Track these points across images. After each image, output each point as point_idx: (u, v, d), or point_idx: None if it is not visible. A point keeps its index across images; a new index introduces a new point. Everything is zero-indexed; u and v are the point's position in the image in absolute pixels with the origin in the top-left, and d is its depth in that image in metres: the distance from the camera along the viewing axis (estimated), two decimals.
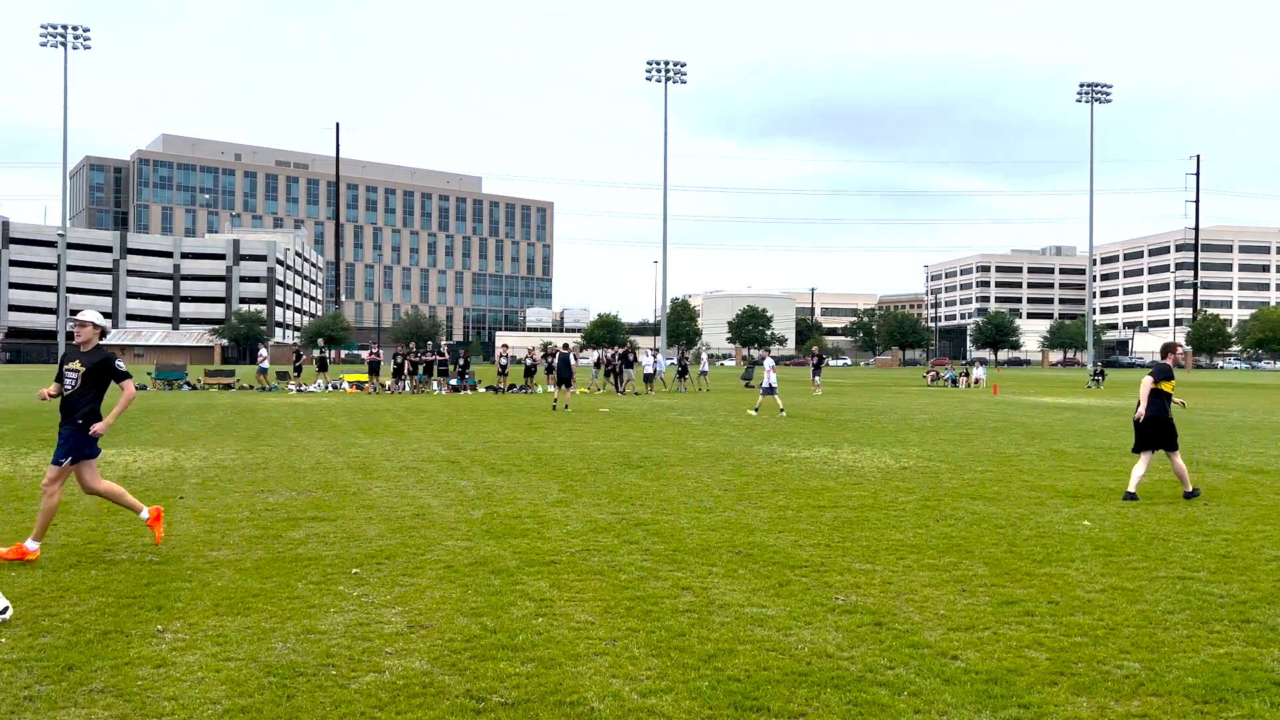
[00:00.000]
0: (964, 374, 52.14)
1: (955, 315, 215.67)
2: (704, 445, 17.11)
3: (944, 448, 16.99)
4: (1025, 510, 10.30)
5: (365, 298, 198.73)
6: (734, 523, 9.45)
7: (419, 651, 5.41)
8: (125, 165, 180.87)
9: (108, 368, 7.75)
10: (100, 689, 4.79)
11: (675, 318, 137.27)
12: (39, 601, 6.34)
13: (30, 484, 11.67)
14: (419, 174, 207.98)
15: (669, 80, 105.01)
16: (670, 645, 5.54)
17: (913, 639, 5.70)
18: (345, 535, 8.66)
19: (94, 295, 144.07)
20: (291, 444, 16.80)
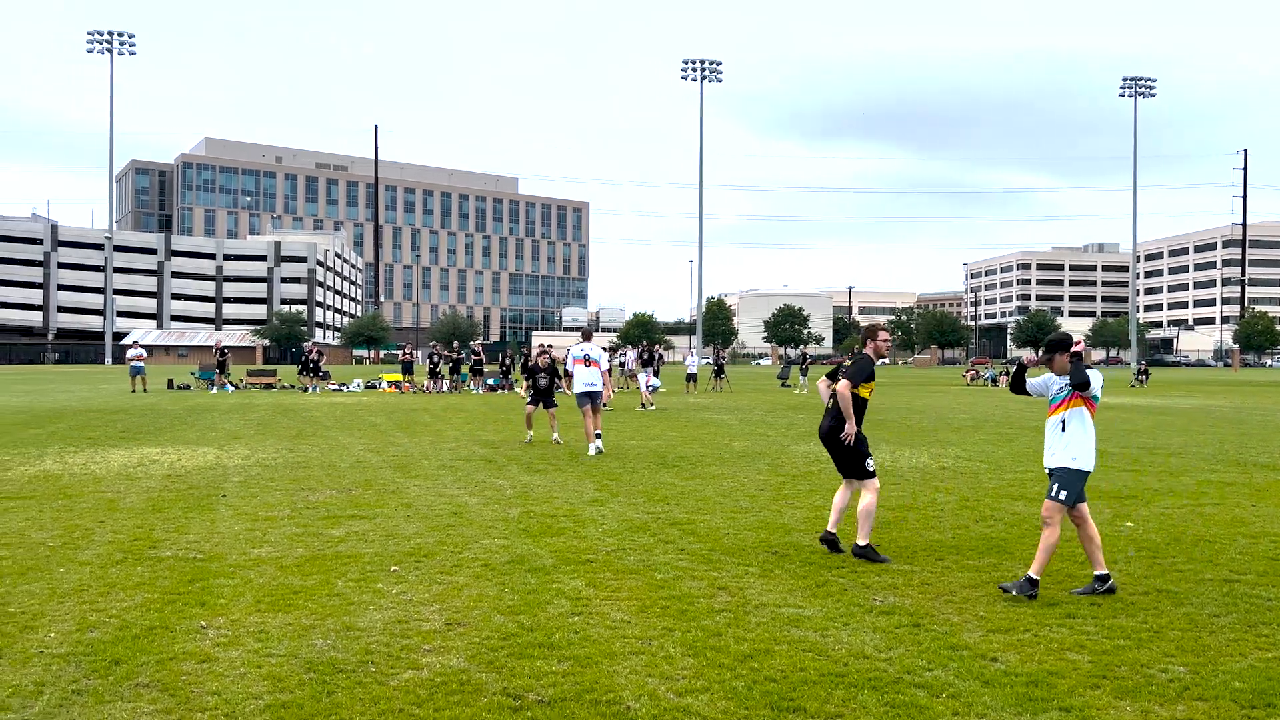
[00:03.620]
0: (1004, 373, 51.53)
1: (995, 314, 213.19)
2: (740, 445, 17.06)
3: (984, 447, 16.81)
4: None
5: (404, 298, 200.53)
6: (770, 523, 9.41)
7: (457, 649, 5.45)
8: (169, 169, 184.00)
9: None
10: (146, 683, 4.88)
11: (711, 317, 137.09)
12: (86, 597, 6.47)
13: (79, 482, 11.92)
14: (456, 175, 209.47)
15: (705, 79, 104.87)
16: (706, 645, 5.54)
17: (951, 640, 5.65)
18: (384, 533, 8.75)
19: (139, 297, 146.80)
20: (331, 443, 17.00)
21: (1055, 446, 6.82)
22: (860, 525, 7.72)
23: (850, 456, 7.92)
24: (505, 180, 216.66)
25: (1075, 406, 6.77)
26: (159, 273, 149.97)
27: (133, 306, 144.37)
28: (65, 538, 8.44)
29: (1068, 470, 6.73)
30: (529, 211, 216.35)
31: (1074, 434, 6.75)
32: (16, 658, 5.23)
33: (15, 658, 5.23)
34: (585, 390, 15.42)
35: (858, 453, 7.89)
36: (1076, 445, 6.74)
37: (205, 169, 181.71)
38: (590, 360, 15.62)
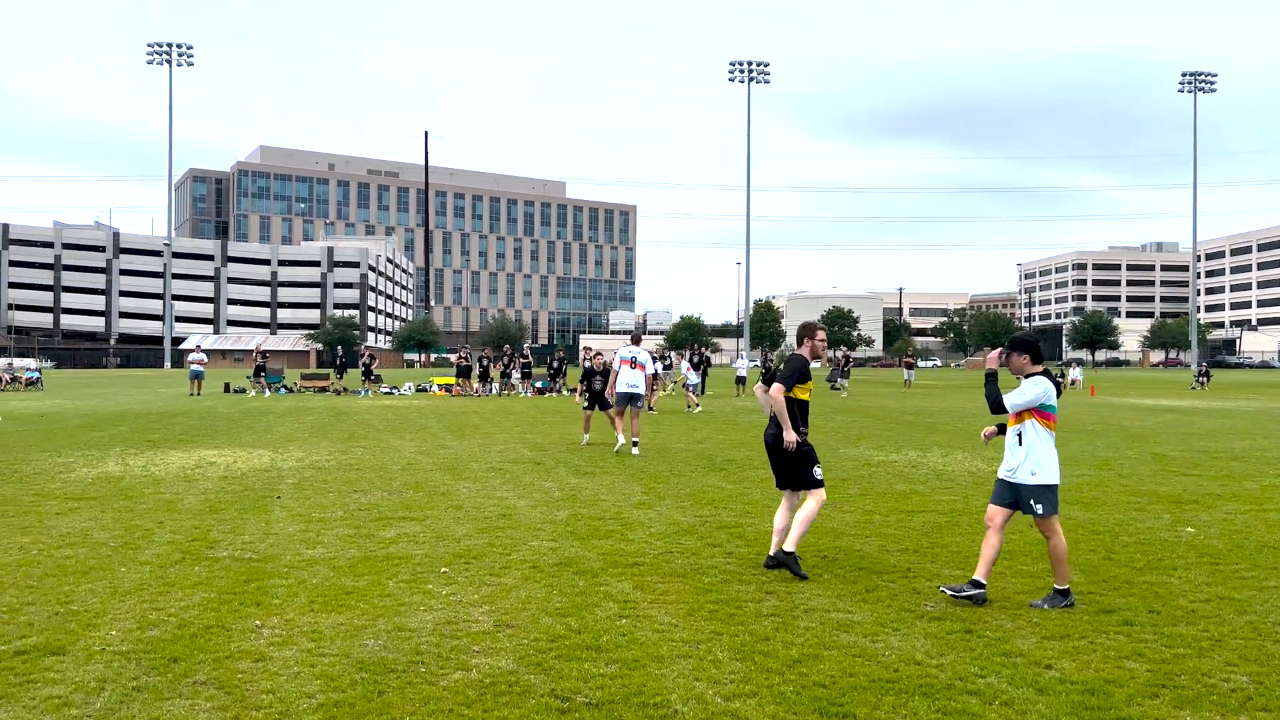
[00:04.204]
0: (1059, 375, 50.65)
1: (1050, 315, 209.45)
2: None
3: None
4: (1124, 516, 9.95)
5: (454, 302, 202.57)
6: (819, 527, 9.34)
7: (505, 650, 5.48)
8: (226, 176, 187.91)
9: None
10: (203, 681, 4.98)
11: (759, 319, 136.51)
12: (146, 596, 6.62)
13: (139, 483, 12.21)
14: (505, 180, 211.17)
15: (752, 81, 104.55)
16: (754, 649, 5.51)
17: (1005, 647, 5.56)
18: (434, 535, 8.84)
19: (197, 302, 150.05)
20: (383, 445, 17.22)
21: (1013, 460, 6.57)
22: (794, 529, 7.26)
23: (795, 464, 7.44)
24: (553, 184, 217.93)
25: (1028, 419, 6.51)
26: (216, 278, 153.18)
27: (191, 312, 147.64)
28: (126, 538, 8.65)
29: (1031, 486, 6.48)
30: (576, 215, 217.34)
31: (1030, 447, 6.50)
32: (80, 654, 5.37)
33: (78, 654, 5.37)
34: (626, 391, 15.95)
35: (804, 460, 7.42)
36: (1034, 459, 6.48)
37: (260, 176, 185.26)
38: (636, 363, 16.09)
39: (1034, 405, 6.46)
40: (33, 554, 7.95)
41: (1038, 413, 6.48)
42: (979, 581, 6.49)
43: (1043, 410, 6.48)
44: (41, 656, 5.33)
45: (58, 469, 13.68)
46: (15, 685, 4.89)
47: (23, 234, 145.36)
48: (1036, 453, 6.47)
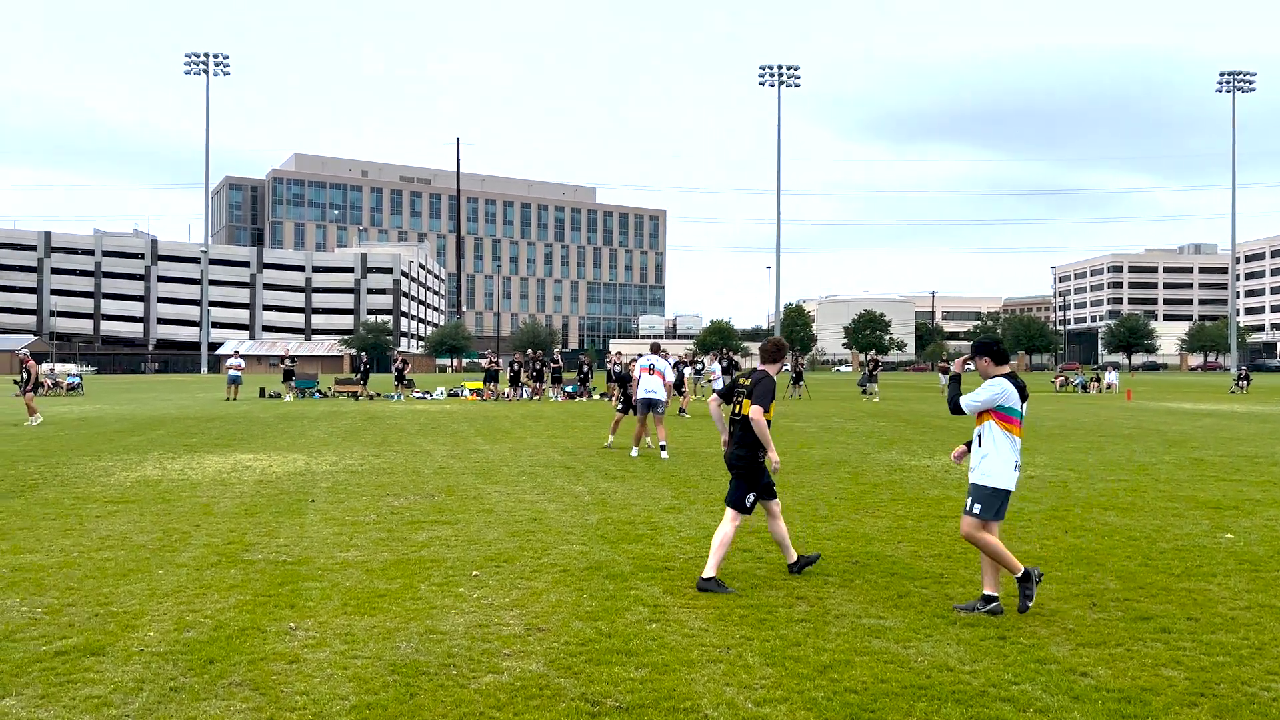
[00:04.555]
0: (1095, 379, 49.96)
1: (1085, 318, 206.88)
2: (819, 453, 16.88)
3: (1073, 456, 16.32)
4: (1162, 522, 9.80)
5: (485, 308, 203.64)
6: (850, 532, 9.29)
7: (536, 654, 5.51)
8: (261, 184, 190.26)
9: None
10: (238, 682, 5.04)
11: (789, 323, 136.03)
12: (183, 598, 6.72)
13: (177, 487, 12.38)
14: (536, 186, 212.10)
15: (782, 84, 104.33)
16: (785, 654, 5.49)
17: (1039, 654, 5.50)
18: (466, 538, 8.89)
19: (233, 308, 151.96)
20: (415, 449, 17.35)
21: (974, 460, 6.46)
22: (713, 554, 7.04)
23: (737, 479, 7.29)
24: (583, 190, 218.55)
25: (988, 420, 6.39)
26: (251, 285, 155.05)
27: (227, 318, 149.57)
28: (164, 540, 8.78)
29: (978, 487, 6.36)
30: (606, 220, 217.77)
31: (987, 450, 6.37)
32: (119, 655, 5.46)
33: (117, 655, 5.46)
34: (646, 397, 16.49)
35: (746, 482, 7.24)
36: (989, 462, 6.34)
37: (295, 184, 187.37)
38: (654, 370, 16.70)
39: (991, 406, 6.33)
40: (73, 556, 8.09)
41: (997, 415, 6.35)
42: (989, 596, 6.36)
43: (1001, 413, 6.34)
44: (82, 657, 5.43)
45: (98, 473, 13.91)
46: (56, 685, 4.98)
47: (64, 242, 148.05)
48: (990, 455, 6.35)
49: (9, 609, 6.42)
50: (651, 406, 16.44)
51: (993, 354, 6.48)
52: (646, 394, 16.49)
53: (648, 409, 16.51)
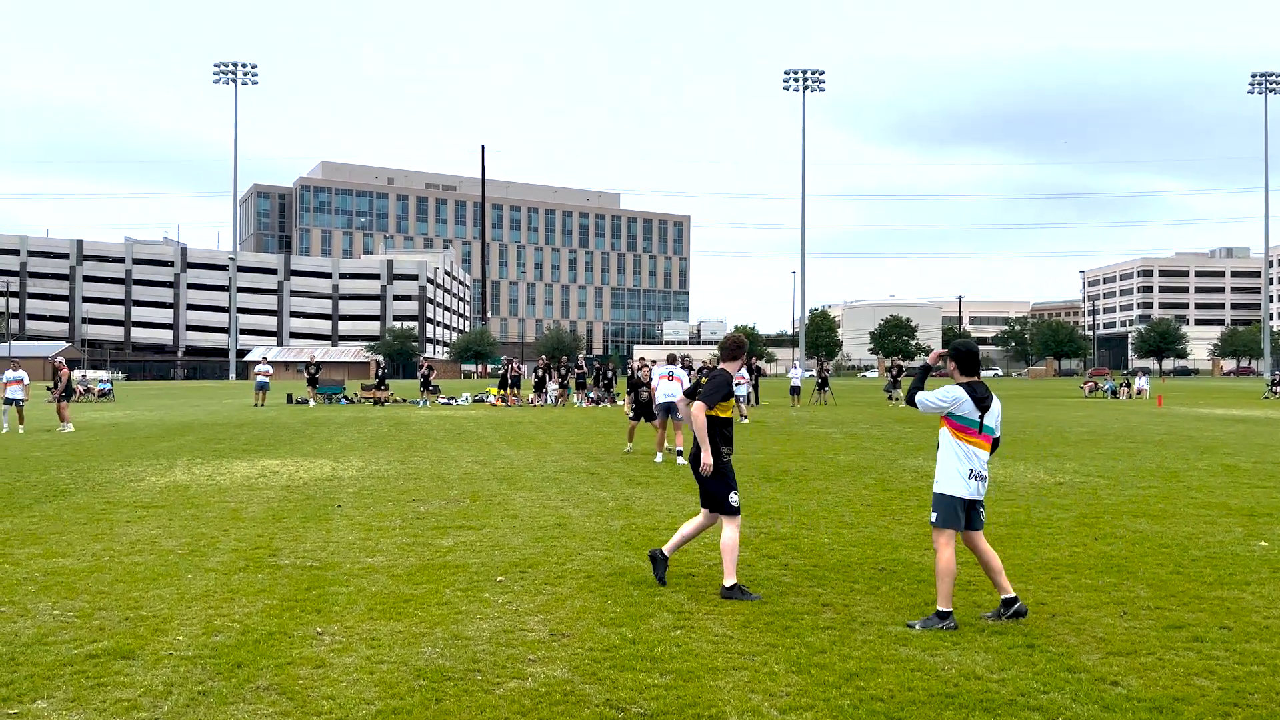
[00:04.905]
0: (1125, 384, 49.39)
1: (1115, 323, 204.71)
2: (845, 459, 16.79)
3: (1103, 462, 16.14)
4: (1193, 529, 9.67)
5: (510, 314, 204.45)
6: (876, 539, 9.23)
7: (560, 660, 5.51)
8: (289, 191, 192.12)
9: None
10: (266, 686, 5.08)
11: (814, 329, 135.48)
12: (212, 603, 6.78)
13: (205, 492, 12.50)
14: (560, 193, 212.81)
15: (807, 89, 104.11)
16: (810, 662, 5.46)
17: (1068, 662, 5.44)
18: (491, 544, 8.91)
19: (261, 315, 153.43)
20: (441, 455, 17.42)
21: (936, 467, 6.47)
22: (725, 562, 6.96)
23: (709, 486, 7.06)
24: (608, 196, 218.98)
25: (942, 426, 6.38)
26: (279, 292, 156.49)
27: (255, 324, 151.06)
28: (193, 545, 8.86)
29: (933, 494, 6.35)
30: (630, 226, 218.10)
31: (939, 456, 6.38)
32: (148, 659, 5.51)
33: (147, 659, 5.51)
34: (665, 401, 16.77)
35: (720, 483, 7.02)
36: (940, 468, 6.34)
37: (322, 191, 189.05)
38: (673, 376, 17.09)
39: (941, 411, 6.28)
40: (104, 560, 8.19)
41: (950, 422, 6.31)
42: (1009, 599, 6.30)
43: (954, 420, 6.29)
44: (112, 660, 5.49)
45: (128, 478, 14.07)
46: (87, 688, 5.04)
47: (95, 250, 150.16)
48: (941, 462, 6.35)
49: (41, 612, 6.51)
50: (670, 411, 16.67)
51: (959, 360, 6.41)
52: (665, 398, 16.75)
53: (666, 413, 16.75)
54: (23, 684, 5.09)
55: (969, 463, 6.23)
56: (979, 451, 6.25)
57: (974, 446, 6.25)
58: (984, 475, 6.28)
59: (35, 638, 5.92)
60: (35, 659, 5.50)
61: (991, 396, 6.32)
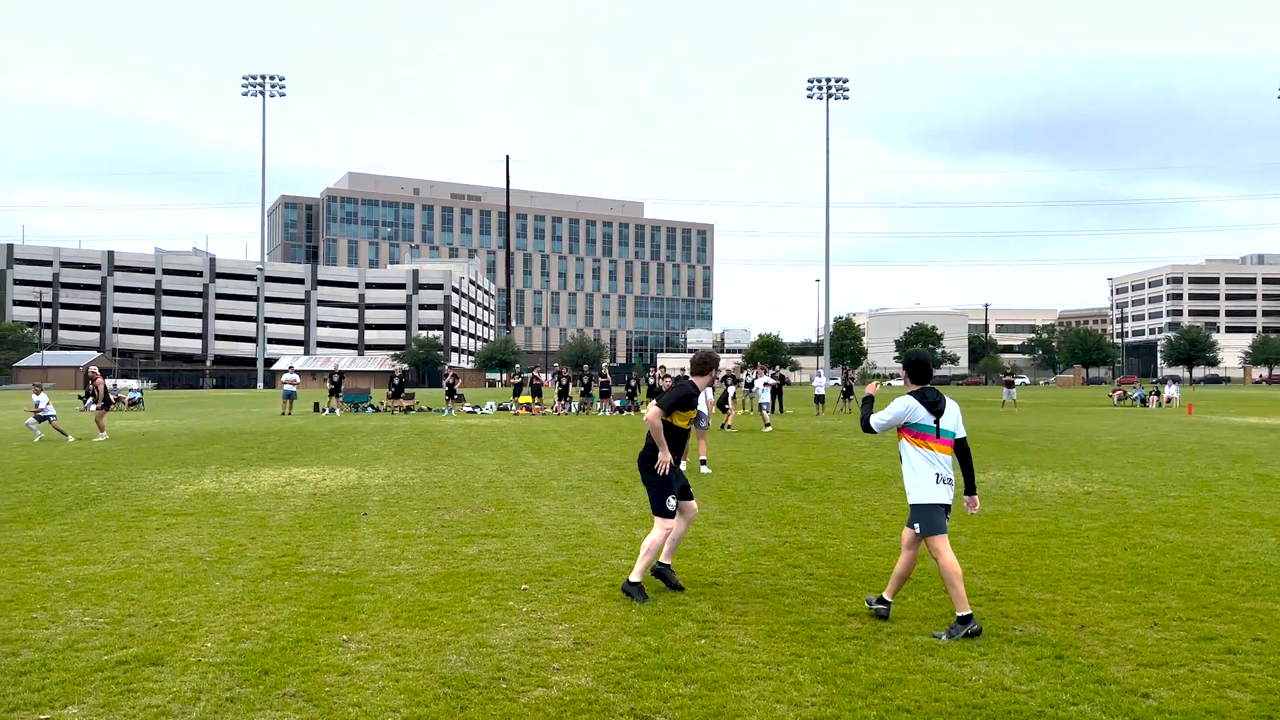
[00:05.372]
0: (1154, 393, 48.81)
1: (1144, 330, 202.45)
2: (870, 468, 16.70)
3: (1132, 471, 15.95)
4: (1225, 539, 9.53)
5: (534, 322, 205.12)
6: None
7: (585, 668, 5.51)
8: (315, 202, 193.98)
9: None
10: (292, 693, 5.11)
11: (839, 337, 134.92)
12: (239, 610, 6.83)
13: (233, 500, 12.62)
14: (584, 202, 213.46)
15: (831, 97, 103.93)
16: (836, 672, 5.43)
17: (1098, 674, 5.37)
18: (515, 552, 8.93)
19: (288, 324, 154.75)
20: (466, 463, 17.49)
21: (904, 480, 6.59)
22: (640, 560, 7.12)
23: (650, 486, 7.28)
24: (631, 205, 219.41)
25: (901, 438, 6.50)
26: (306, 301, 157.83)
27: (282, 334, 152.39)
28: (221, 553, 8.94)
29: (911, 505, 6.46)
30: (654, 235, 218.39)
31: (904, 468, 6.52)
32: (177, 665, 5.56)
33: (176, 665, 5.57)
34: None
35: (661, 484, 7.19)
36: (909, 479, 6.46)
37: (349, 202, 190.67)
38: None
39: (898, 424, 6.40)
40: (134, 567, 8.28)
41: (906, 431, 6.43)
42: (885, 599, 6.52)
43: (910, 429, 6.41)
44: (142, 666, 5.54)
45: (158, 486, 14.23)
46: (117, 694, 5.09)
47: (126, 261, 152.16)
48: (908, 473, 6.46)
49: (73, 619, 6.58)
50: (694, 420, 16.55)
51: (909, 369, 6.57)
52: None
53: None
54: (54, 689, 5.16)
55: (934, 467, 6.36)
56: (941, 456, 6.39)
57: (935, 451, 6.38)
58: (950, 479, 6.41)
59: (67, 644, 5.99)
60: (67, 665, 5.57)
61: (944, 400, 6.45)
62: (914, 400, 6.38)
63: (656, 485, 7.26)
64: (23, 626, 6.39)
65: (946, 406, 6.43)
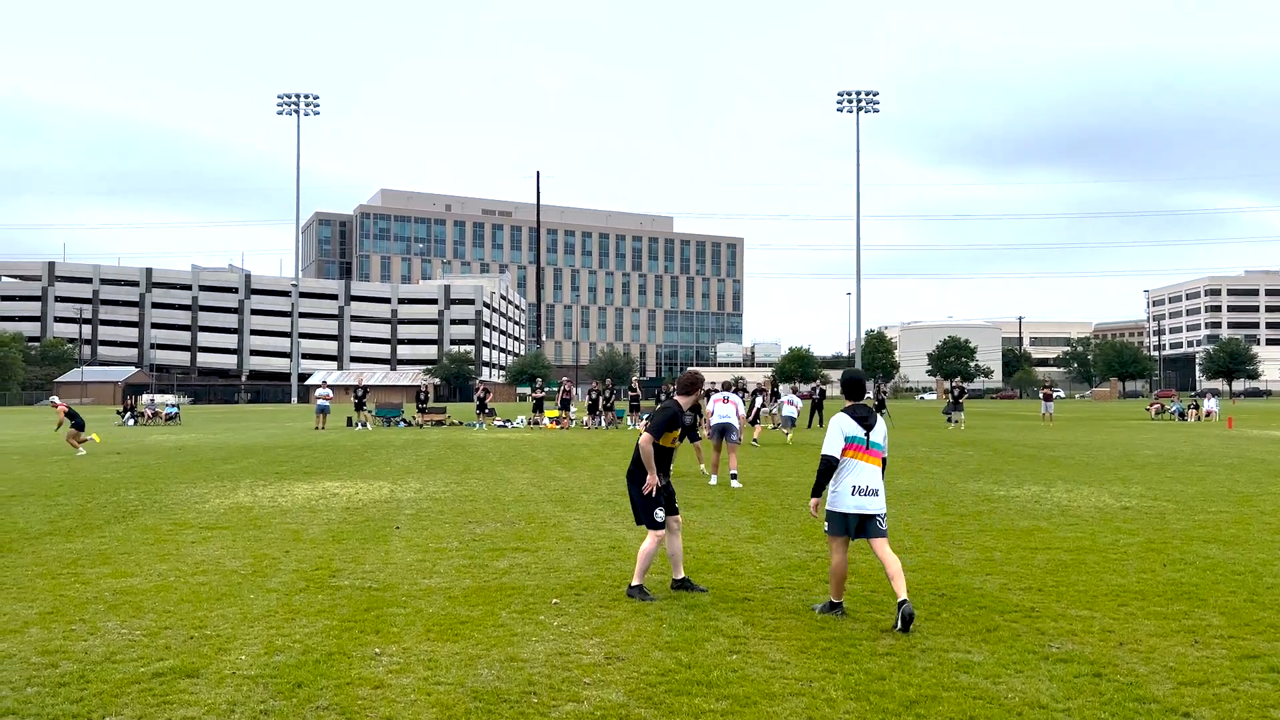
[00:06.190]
0: (1193, 406, 48.01)
1: (1181, 343, 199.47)
2: (904, 482, 16.56)
3: (1171, 486, 15.69)
4: (1268, 555, 9.34)
5: (564, 337, 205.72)
6: (936, 564, 9.08)
7: (616, 683, 5.49)
8: (349, 219, 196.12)
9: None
10: (325, 706, 5.14)
11: (870, 350, 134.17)
12: (273, 623, 6.89)
13: (267, 513, 12.73)
14: (614, 217, 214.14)
15: (861, 110, 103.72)
16: (869, 689, 5.37)
17: (1138, 692, 5.28)
18: (546, 566, 8.94)
19: (322, 340, 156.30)
20: (496, 477, 17.54)
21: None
22: (638, 566, 7.67)
23: (636, 501, 7.82)
24: (661, 219, 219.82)
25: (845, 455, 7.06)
26: (339, 317, 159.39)
27: (316, 349, 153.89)
28: (255, 566, 9.03)
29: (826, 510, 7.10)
30: (684, 249, 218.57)
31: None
32: (212, 677, 5.62)
33: (211, 677, 5.62)
34: (719, 423, 16.92)
35: (648, 501, 7.73)
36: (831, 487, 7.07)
37: (381, 218, 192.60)
38: (728, 399, 17.26)
39: (842, 441, 6.94)
40: (170, 580, 8.38)
41: (849, 447, 6.97)
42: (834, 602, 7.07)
43: (847, 442, 6.97)
44: (178, 678, 5.60)
45: (193, 499, 14.40)
46: (153, 706, 5.15)
47: (164, 277, 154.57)
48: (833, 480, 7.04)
49: (110, 631, 6.67)
50: (725, 433, 16.77)
51: (844, 387, 7.29)
52: (721, 419, 16.88)
53: (721, 435, 16.88)
54: (92, 701, 5.22)
55: (854, 478, 6.90)
56: (868, 465, 6.93)
57: (863, 461, 6.94)
58: (874, 489, 6.90)
59: (104, 655, 6.07)
60: (104, 676, 5.64)
61: (873, 416, 7.08)
62: (847, 416, 7.03)
63: (642, 501, 7.78)
64: (62, 638, 6.48)
65: (876, 421, 7.05)
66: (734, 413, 16.96)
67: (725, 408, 17.00)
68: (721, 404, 17.11)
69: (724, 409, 16.99)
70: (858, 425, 6.95)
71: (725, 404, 17.08)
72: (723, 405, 17.07)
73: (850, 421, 6.97)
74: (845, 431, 6.95)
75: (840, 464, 6.94)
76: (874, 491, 6.87)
